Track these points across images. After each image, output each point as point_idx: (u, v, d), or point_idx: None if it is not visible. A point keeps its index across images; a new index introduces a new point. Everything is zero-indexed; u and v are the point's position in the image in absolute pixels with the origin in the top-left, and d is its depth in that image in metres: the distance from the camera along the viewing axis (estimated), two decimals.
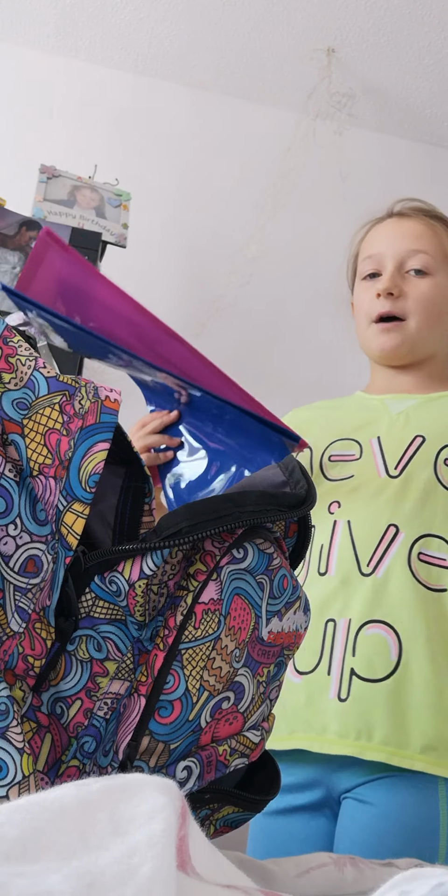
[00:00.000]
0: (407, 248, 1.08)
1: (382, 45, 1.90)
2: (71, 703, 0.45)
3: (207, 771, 0.46)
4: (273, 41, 1.93)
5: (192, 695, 0.45)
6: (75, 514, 0.45)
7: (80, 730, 0.45)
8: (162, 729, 0.44)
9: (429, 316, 1.06)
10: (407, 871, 0.28)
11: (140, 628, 0.47)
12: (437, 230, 1.11)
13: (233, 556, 0.48)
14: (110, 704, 0.46)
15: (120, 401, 0.48)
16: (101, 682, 0.46)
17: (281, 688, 0.53)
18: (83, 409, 0.47)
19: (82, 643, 0.46)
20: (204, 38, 1.94)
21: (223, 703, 0.47)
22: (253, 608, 0.48)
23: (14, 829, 0.25)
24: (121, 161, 1.93)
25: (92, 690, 0.46)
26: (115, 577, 0.46)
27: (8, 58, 2.00)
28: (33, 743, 0.44)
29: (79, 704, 0.46)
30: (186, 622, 0.46)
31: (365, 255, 1.13)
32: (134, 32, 1.94)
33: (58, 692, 0.46)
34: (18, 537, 0.46)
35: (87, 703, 0.46)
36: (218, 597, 0.47)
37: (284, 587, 0.51)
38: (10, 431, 0.47)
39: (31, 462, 0.47)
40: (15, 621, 0.45)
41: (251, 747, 0.49)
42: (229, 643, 0.47)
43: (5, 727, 0.40)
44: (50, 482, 0.46)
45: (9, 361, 0.49)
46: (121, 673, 0.46)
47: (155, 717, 0.44)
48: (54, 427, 0.47)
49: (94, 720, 0.46)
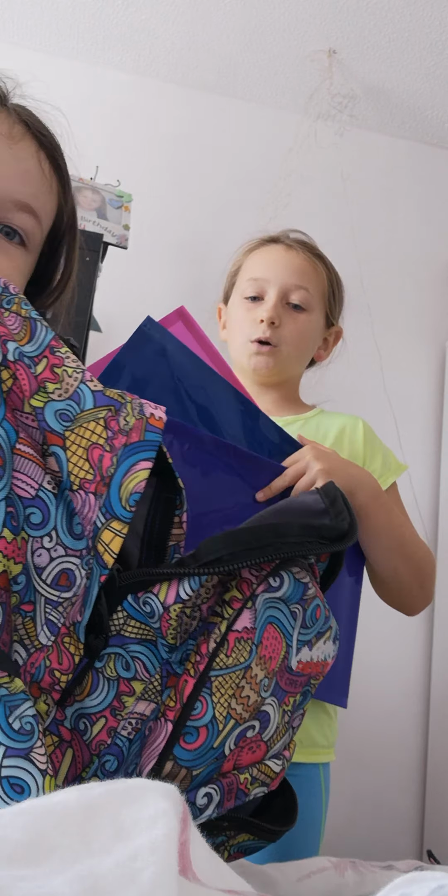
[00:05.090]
0: (291, 283, 1.18)
1: (383, 46, 1.90)
2: (95, 721, 0.45)
3: (228, 798, 0.45)
4: (274, 43, 1.93)
5: (218, 722, 0.44)
6: (113, 533, 0.44)
7: (103, 748, 0.45)
8: (186, 755, 0.43)
9: (298, 348, 1.19)
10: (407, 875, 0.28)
11: (170, 651, 0.46)
12: (319, 271, 1.22)
13: (269, 585, 0.47)
14: (134, 724, 0.45)
15: (164, 419, 0.47)
16: (126, 702, 0.45)
17: (304, 716, 0.52)
18: (128, 426, 0.46)
19: (111, 661, 0.45)
20: (205, 40, 1.94)
21: (248, 732, 0.46)
22: (284, 637, 0.48)
23: (17, 833, 0.25)
24: (122, 163, 1.94)
25: (117, 709, 0.45)
26: (150, 599, 0.45)
27: (8, 59, 2.00)
28: (54, 757, 0.43)
29: (103, 722, 0.45)
30: (218, 649, 0.45)
31: (250, 275, 1.21)
32: (135, 34, 1.94)
33: (82, 708, 0.45)
34: (53, 550, 0.45)
35: (112, 721, 0.45)
36: (251, 625, 0.46)
37: (317, 617, 0.50)
38: (52, 443, 0.46)
39: (71, 476, 0.45)
40: (44, 634, 0.44)
41: (272, 776, 0.48)
42: (259, 672, 0.46)
43: (29, 748, 0.39)
44: (90, 498, 0.45)
45: (54, 371, 0.48)
46: (147, 694, 0.46)
47: (180, 742, 0.43)
48: (97, 442, 0.46)
49: (117, 739, 0.45)
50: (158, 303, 1.20)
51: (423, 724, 2.07)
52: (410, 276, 2.23)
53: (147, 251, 1.98)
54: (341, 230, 2.06)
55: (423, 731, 2.07)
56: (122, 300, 1.78)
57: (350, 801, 1.93)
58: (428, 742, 2.05)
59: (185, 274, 2.03)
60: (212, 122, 2.13)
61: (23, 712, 0.40)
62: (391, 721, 2.04)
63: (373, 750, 2.01)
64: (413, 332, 2.22)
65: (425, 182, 2.27)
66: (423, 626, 2.08)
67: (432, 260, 2.25)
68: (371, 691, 1.97)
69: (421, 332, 2.22)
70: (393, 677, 2.05)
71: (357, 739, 1.87)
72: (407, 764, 2.05)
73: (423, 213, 2.25)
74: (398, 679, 2.06)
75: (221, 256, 1.39)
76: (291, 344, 1.17)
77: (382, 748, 2.03)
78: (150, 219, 1.98)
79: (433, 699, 2.05)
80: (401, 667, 2.07)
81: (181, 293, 1.96)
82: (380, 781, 2.02)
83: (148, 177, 2.03)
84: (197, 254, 2.04)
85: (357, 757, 1.95)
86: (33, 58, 2.02)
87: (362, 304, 2.00)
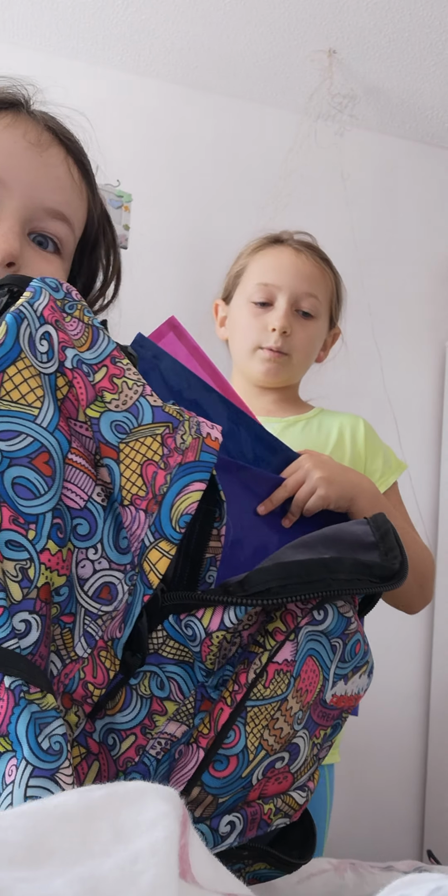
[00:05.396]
0: (301, 291, 1.18)
1: (383, 46, 1.90)
2: (124, 737, 0.44)
3: (250, 828, 0.45)
4: (274, 42, 1.93)
5: (249, 752, 0.44)
6: (161, 553, 0.43)
7: (130, 765, 0.44)
8: (214, 782, 0.43)
9: (308, 355, 1.21)
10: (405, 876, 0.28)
11: (208, 675, 0.45)
12: (327, 276, 1.22)
13: (313, 617, 0.46)
14: (163, 745, 0.45)
15: (220, 440, 0.46)
16: (157, 721, 0.45)
17: (330, 748, 0.52)
18: (184, 445, 0.46)
19: (146, 679, 0.45)
20: (205, 40, 1.94)
21: (277, 763, 0.46)
22: (322, 670, 0.47)
23: (18, 835, 0.25)
24: (122, 162, 1.94)
25: (147, 728, 0.44)
26: (193, 622, 0.44)
27: (8, 59, 2.00)
28: (80, 769, 0.43)
29: (132, 739, 0.44)
30: (257, 680, 0.44)
31: (259, 280, 1.20)
32: (135, 34, 1.94)
33: (112, 723, 0.44)
34: (97, 562, 0.44)
35: (141, 739, 0.44)
36: (292, 658, 0.45)
37: (356, 652, 0.49)
38: (106, 455, 0.45)
39: (123, 491, 0.45)
40: (81, 646, 0.43)
41: (295, 808, 0.48)
42: (294, 705, 0.46)
43: (56, 769, 0.38)
44: (140, 515, 0.45)
45: (113, 382, 0.47)
46: (179, 715, 0.45)
47: (209, 769, 0.43)
48: (152, 458, 0.45)
49: (145, 758, 0.44)
50: (158, 303, 1.20)
51: (424, 724, 2.07)
52: (410, 276, 2.23)
53: (147, 251, 1.98)
54: (341, 230, 2.06)
55: (423, 732, 2.07)
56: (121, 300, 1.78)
57: (350, 801, 1.94)
58: (428, 742, 2.05)
59: (185, 274, 2.03)
60: (212, 122, 2.13)
61: (53, 730, 0.39)
62: (391, 721, 2.04)
63: (373, 750, 2.01)
64: (413, 332, 2.22)
65: (425, 182, 2.27)
66: (423, 626, 2.08)
67: (432, 260, 2.25)
68: (371, 691, 1.97)
69: (421, 332, 2.22)
70: (393, 677, 2.05)
71: (357, 740, 1.87)
72: (407, 764, 2.06)
73: (423, 213, 2.25)
74: (398, 679, 2.06)
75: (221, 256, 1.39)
76: (302, 352, 1.18)
77: (382, 748, 2.03)
78: (150, 219, 1.98)
79: (433, 699, 2.06)
80: (401, 667, 2.07)
81: (181, 293, 1.97)
82: (380, 781, 2.02)
83: (148, 177, 2.03)
84: (197, 254, 2.04)
85: (357, 757, 1.95)
86: (33, 58, 2.02)
87: (362, 304, 2.00)
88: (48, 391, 0.45)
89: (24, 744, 0.38)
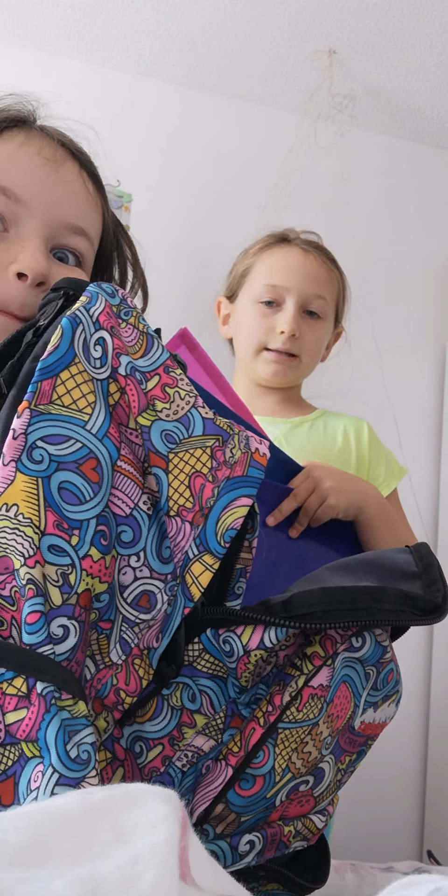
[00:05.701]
0: (310, 292, 1.17)
1: (384, 46, 1.90)
2: (152, 746, 0.44)
3: (269, 848, 0.45)
4: (274, 42, 1.93)
5: (276, 774, 0.43)
6: (204, 567, 0.43)
7: (155, 775, 0.44)
8: (239, 801, 0.43)
9: (315, 357, 1.20)
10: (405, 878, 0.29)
11: (240, 692, 0.45)
12: (334, 277, 1.21)
13: (351, 644, 0.46)
14: (190, 757, 0.44)
15: (268, 455, 0.46)
16: (186, 733, 0.44)
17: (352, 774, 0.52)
18: (233, 459, 0.45)
19: (178, 690, 0.44)
20: (205, 40, 1.94)
21: (301, 786, 0.46)
22: (354, 697, 0.47)
23: (19, 836, 0.25)
24: (122, 163, 1.93)
25: (176, 739, 0.44)
26: (231, 639, 0.44)
27: (9, 59, 2.00)
28: (104, 773, 0.43)
29: (159, 749, 0.44)
30: (291, 703, 0.44)
31: (266, 280, 1.18)
32: (135, 34, 1.94)
33: (141, 731, 0.44)
34: (138, 570, 0.44)
35: (168, 750, 0.44)
36: (327, 683, 0.45)
37: (388, 680, 0.49)
38: (154, 464, 0.45)
39: (170, 501, 0.45)
40: (116, 652, 0.43)
41: (314, 831, 0.47)
42: (324, 730, 0.45)
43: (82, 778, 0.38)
44: (185, 527, 0.44)
45: (165, 391, 0.47)
46: (208, 729, 0.45)
47: (235, 787, 0.43)
48: (201, 471, 0.45)
49: (170, 769, 0.44)
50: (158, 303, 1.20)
51: (424, 724, 2.07)
52: (410, 276, 2.23)
53: (147, 251, 1.98)
54: (341, 230, 2.06)
55: (424, 732, 2.07)
56: None
57: (350, 801, 1.94)
58: (428, 742, 2.05)
59: (185, 274, 2.03)
60: (212, 122, 2.13)
61: (82, 738, 0.39)
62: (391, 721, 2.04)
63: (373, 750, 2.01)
64: (413, 332, 2.22)
65: (425, 182, 2.27)
66: (423, 626, 2.08)
67: (432, 260, 2.25)
68: None
69: (421, 332, 2.22)
70: None
71: None
72: (407, 764, 2.06)
73: (423, 213, 2.25)
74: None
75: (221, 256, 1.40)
76: (310, 353, 1.18)
77: (382, 748, 2.03)
78: (150, 219, 1.98)
79: (433, 699, 2.06)
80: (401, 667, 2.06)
81: (181, 293, 1.97)
82: (380, 781, 2.02)
83: (148, 177, 2.03)
84: (197, 254, 2.04)
85: None
86: (33, 58, 2.02)
87: (362, 304, 2.00)
88: (100, 396, 0.44)
89: (53, 751, 0.37)
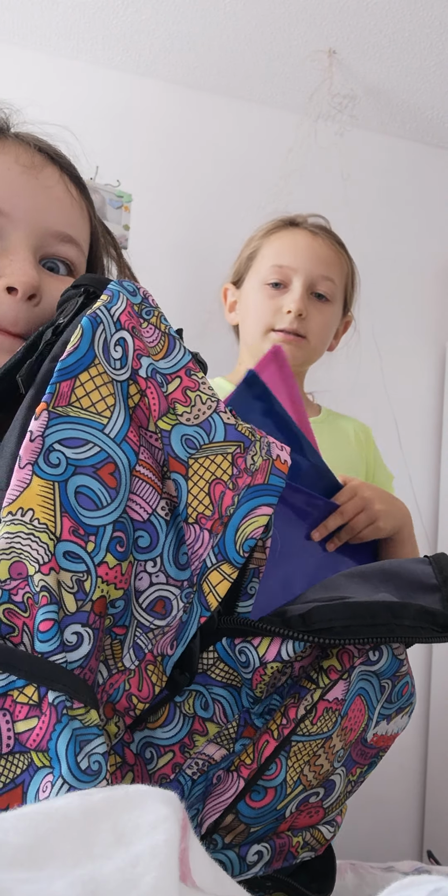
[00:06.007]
0: (318, 273, 1.15)
1: (384, 46, 1.90)
2: (162, 753, 0.43)
3: (277, 859, 0.44)
4: (274, 43, 1.93)
5: (287, 786, 0.43)
6: (222, 576, 0.42)
7: (164, 781, 0.43)
8: (249, 812, 0.42)
9: (323, 340, 1.17)
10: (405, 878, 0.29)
11: (254, 702, 0.44)
12: (343, 260, 1.20)
13: (367, 658, 0.45)
14: (200, 766, 0.44)
15: (289, 462, 0.45)
16: (197, 741, 0.44)
17: (361, 784, 0.51)
18: (254, 466, 0.44)
19: (191, 697, 0.44)
20: (205, 40, 1.94)
21: (311, 798, 0.45)
22: (368, 710, 0.46)
23: (19, 837, 0.25)
24: (122, 163, 1.94)
25: (187, 746, 0.44)
26: (247, 649, 0.43)
27: (9, 60, 2.00)
28: (114, 778, 0.42)
29: (170, 756, 0.43)
30: (306, 716, 0.43)
31: (274, 261, 1.16)
32: (135, 34, 1.94)
33: (152, 737, 0.43)
34: (155, 576, 0.43)
35: (179, 757, 0.43)
36: (342, 697, 0.44)
37: (403, 694, 0.48)
38: (174, 469, 0.44)
39: (189, 508, 0.44)
40: (129, 657, 0.42)
41: (322, 842, 0.47)
42: (337, 742, 0.45)
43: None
44: (204, 534, 0.43)
45: (187, 394, 0.45)
46: (220, 738, 0.44)
47: (246, 798, 0.42)
48: (221, 478, 0.44)
49: (180, 776, 0.43)
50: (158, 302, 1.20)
51: (424, 724, 2.07)
52: (410, 276, 2.23)
53: (147, 251, 1.98)
54: (341, 230, 2.06)
55: (423, 732, 2.07)
56: None
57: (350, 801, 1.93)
58: (428, 742, 2.05)
59: (185, 274, 2.03)
60: (212, 122, 2.13)
61: (93, 749, 0.38)
62: None
63: None
64: (413, 332, 2.22)
65: (425, 182, 2.27)
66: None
67: (432, 260, 2.25)
68: None
69: (421, 332, 2.22)
70: None
71: None
72: (407, 764, 2.06)
73: (423, 213, 2.25)
74: None
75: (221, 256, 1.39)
76: (317, 336, 1.15)
77: None
78: (150, 219, 1.98)
79: (433, 700, 2.06)
80: None
81: (181, 293, 1.97)
82: (380, 781, 2.02)
83: (148, 177, 2.03)
84: (197, 254, 2.04)
85: None
86: (33, 58, 2.01)
87: (362, 303, 2.00)
88: (120, 399, 0.43)
89: (63, 762, 0.37)
